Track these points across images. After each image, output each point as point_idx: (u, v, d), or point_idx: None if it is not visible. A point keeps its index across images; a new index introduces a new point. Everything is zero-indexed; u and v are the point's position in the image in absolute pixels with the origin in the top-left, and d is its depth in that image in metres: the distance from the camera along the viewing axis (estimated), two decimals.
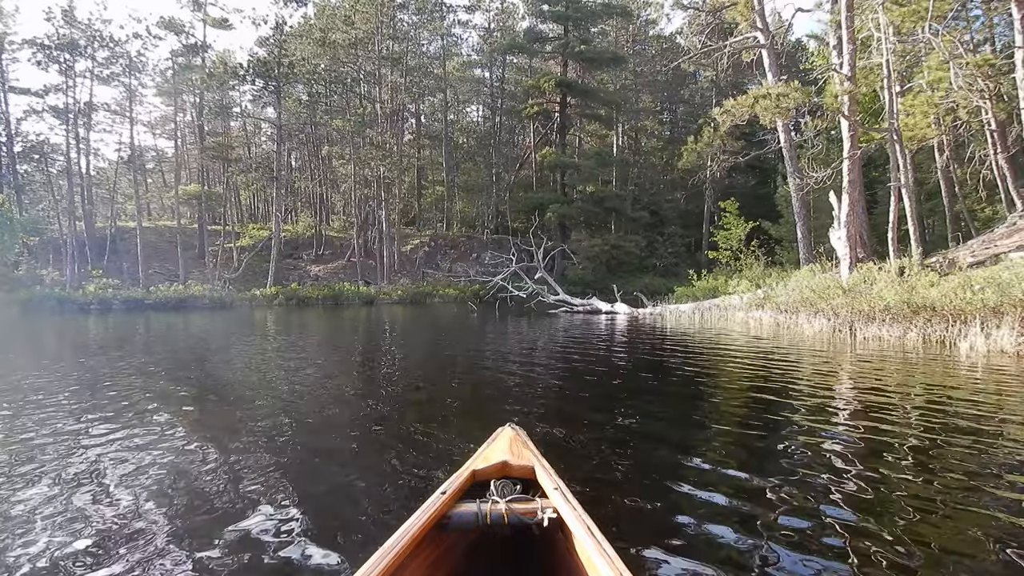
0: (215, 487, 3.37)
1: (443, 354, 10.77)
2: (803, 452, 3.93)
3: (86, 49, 32.85)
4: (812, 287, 12.29)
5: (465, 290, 33.47)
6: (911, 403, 5.48)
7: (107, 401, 5.88)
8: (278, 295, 30.33)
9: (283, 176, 37.55)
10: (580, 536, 1.85)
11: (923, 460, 3.76)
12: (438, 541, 2.07)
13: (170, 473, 3.61)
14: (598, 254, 38.29)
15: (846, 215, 13.25)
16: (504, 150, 48.10)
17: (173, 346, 12.13)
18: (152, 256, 35.04)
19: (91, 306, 27.30)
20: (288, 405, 5.79)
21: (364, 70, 38.98)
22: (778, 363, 8.06)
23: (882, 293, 10.01)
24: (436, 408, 5.76)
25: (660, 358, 9.16)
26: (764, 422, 4.90)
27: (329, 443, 4.39)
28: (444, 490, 2.14)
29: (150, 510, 3.03)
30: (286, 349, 11.27)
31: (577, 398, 6.42)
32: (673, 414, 5.47)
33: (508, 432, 2.76)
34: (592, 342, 11.74)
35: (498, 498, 2.15)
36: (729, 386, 6.87)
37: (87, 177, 36.48)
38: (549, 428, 4.64)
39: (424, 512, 1.98)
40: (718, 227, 23.29)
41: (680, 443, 4.27)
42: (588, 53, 39.82)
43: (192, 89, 36.44)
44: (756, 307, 14.17)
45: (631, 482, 3.41)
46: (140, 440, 4.35)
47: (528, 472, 2.37)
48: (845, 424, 4.79)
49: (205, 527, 2.81)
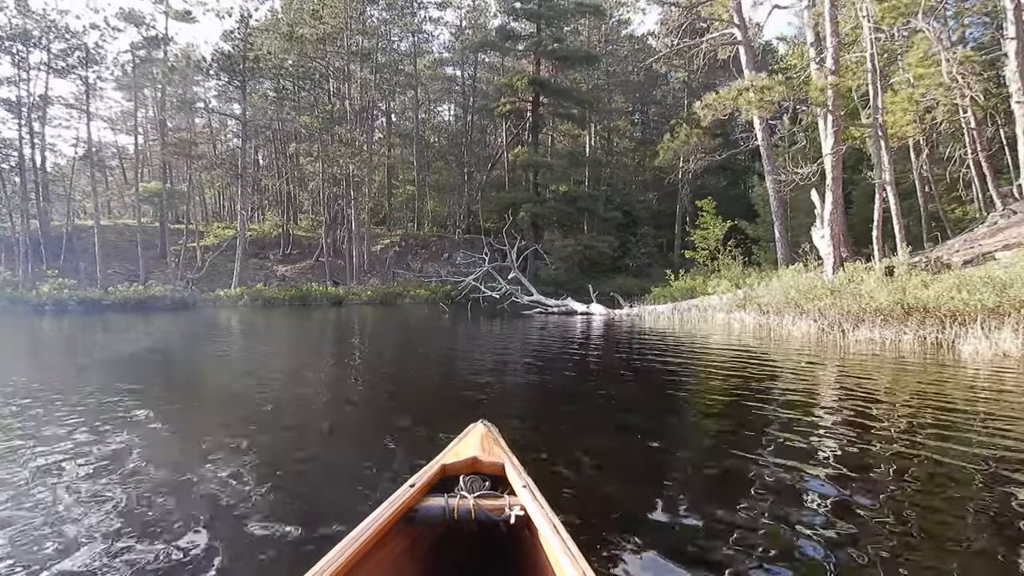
0: (172, 494, 3.19)
1: (414, 356, 10.31)
2: (788, 464, 3.60)
3: (41, 40, 31.53)
4: (797, 287, 11.95)
5: (436, 291, 32.94)
6: (924, 413, 5.09)
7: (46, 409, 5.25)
8: (243, 296, 29.46)
9: (249, 173, 36.57)
10: (546, 534, 1.84)
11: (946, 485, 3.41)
12: (404, 533, 2.05)
13: (115, 484, 3.32)
14: (571, 254, 38.01)
15: (829, 213, 12.99)
16: (476, 149, 47.65)
17: (118, 351, 11.39)
18: (111, 255, 33.80)
19: (45, 307, 26.20)
20: (251, 412, 5.39)
21: (333, 66, 38.12)
22: (765, 367, 7.70)
23: (873, 293, 9.70)
24: (405, 411, 5.42)
25: (638, 361, 8.75)
26: (748, 428, 4.58)
27: (293, 448, 4.19)
28: (413, 483, 2.14)
29: (88, 522, 2.79)
30: (249, 352, 10.67)
31: (550, 402, 6.09)
32: (651, 419, 5.16)
33: (480, 428, 2.75)
34: (567, 344, 11.33)
35: (466, 493, 2.14)
36: (711, 391, 6.50)
37: (42, 173, 35.05)
38: (523, 430, 4.49)
39: (391, 504, 1.97)
40: (695, 227, 22.96)
41: (658, 448, 4.11)
42: (561, 51, 39.48)
43: (153, 83, 35.20)
44: (737, 308, 13.84)
45: (605, 484, 3.38)
46: (73, 454, 3.87)
47: (498, 469, 2.36)
48: (831, 431, 4.46)
49: (162, 530, 2.73)
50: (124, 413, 5.13)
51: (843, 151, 13.08)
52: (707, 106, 13.17)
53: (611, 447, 4.12)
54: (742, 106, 12.39)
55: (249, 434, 4.40)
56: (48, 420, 4.84)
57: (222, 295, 29.56)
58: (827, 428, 4.51)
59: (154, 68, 33.71)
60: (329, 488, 3.28)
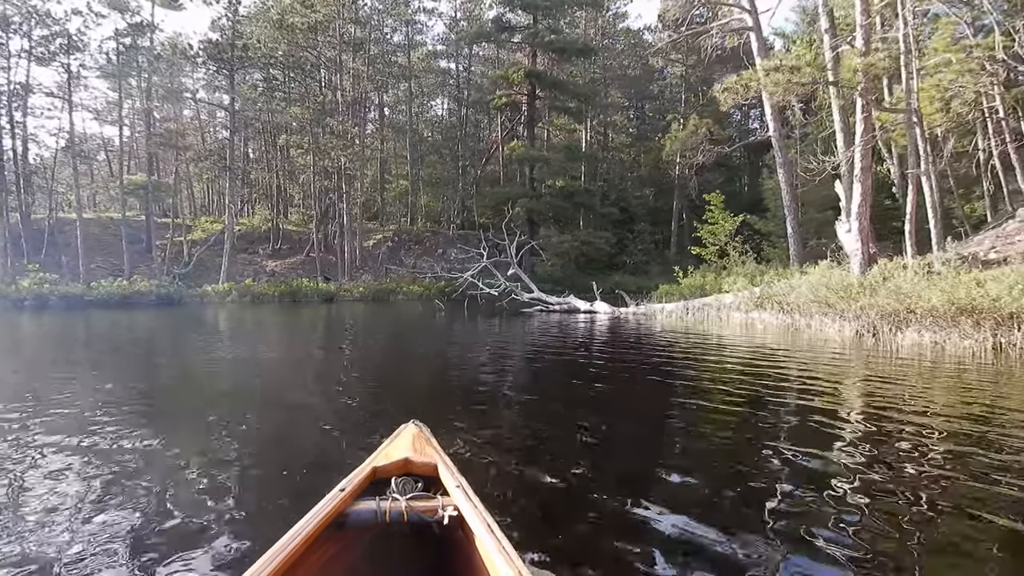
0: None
1: (407, 357, 9.58)
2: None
3: (21, 26, 30.42)
4: (828, 285, 11.09)
5: (430, 287, 32.20)
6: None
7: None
8: (231, 291, 28.56)
9: (237, 166, 35.57)
10: (480, 534, 1.82)
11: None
12: (334, 539, 1.99)
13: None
14: (567, 251, 37.35)
15: (858, 206, 12.16)
16: (470, 143, 46.82)
17: (85, 352, 10.55)
18: (95, 250, 32.75)
19: (25, 302, 25.24)
20: (236, 420, 4.96)
21: (324, 56, 37.11)
22: (812, 377, 6.81)
23: (921, 293, 8.89)
24: (397, 416, 4.68)
25: (655, 369, 7.91)
26: (806, 448, 3.87)
27: (274, 455, 4.04)
28: (343, 487, 2.09)
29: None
30: (231, 353, 9.86)
31: (553, 413, 5.40)
32: (663, 437, 4.52)
33: (412, 429, 2.72)
34: (573, 346, 10.55)
35: (398, 495, 2.11)
36: (759, 405, 5.65)
37: (24, 164, 33.93)
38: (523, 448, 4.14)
39: (320, 510, 1.91)
40: (702, 222, 22.10)
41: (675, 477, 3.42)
42: (558, 43, 38.65)
43: (138, 72, 34.09)
44: (755, 307, 13.04)
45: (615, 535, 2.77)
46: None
47: (431, 470, 2.33)
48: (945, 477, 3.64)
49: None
50: (79, 415, 4.72)
51: (875, 139, 12.27)
52: (727, 89, 12.35)
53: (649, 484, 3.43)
54: (769, 89, 11.54)
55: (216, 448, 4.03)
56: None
57: (209, 291, 28.68)
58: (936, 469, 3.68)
59: (139, 56, 32.59)
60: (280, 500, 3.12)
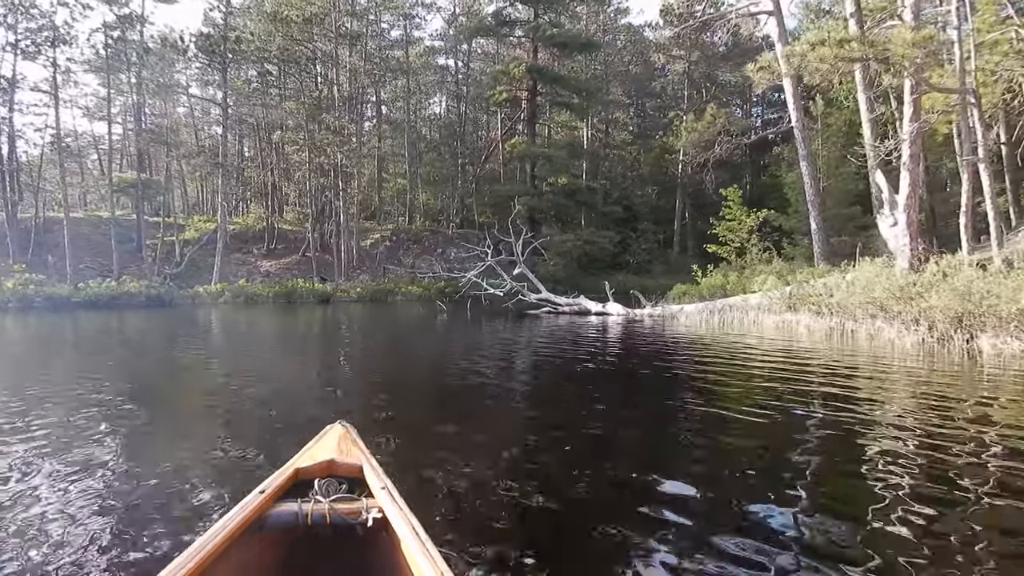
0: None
1: (409, 364, 8.65)
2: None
3: (6, 18, 29.39)
4: (884, 285, 10.01)
5: (430, 287, 31.35)
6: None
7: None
8: (224, 292, 27.62)
9: (230, 163, 34.60)
10: (404, 536, 1.80)
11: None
12: (253, 542, 1.92)
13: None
14: (570, 250, 36.47)
15: (906, 197, 11.18)
16: (469, 140, 45.92)
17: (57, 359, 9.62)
18: (84, 249, 31.73)
19: (8, 304, 24.25)
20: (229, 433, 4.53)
21: (320, 50, 36.12)
22: (929, 404, 5.68)
23: (1004, 293, 7.86)
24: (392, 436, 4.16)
25: (692, 383, 6.96)
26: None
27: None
28: (263, 489, 2.03)
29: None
30: (215, 361, 8.94)
31: (575, 437, 4.48)
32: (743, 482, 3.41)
33: (337, 429, 2.63)
34: (591, 353, 9.58)
35: (321, 497, 2.05)
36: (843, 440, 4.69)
37: (10, 162, 32.92)
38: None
39: (239, 512, 1.86)
40: (719, 219, 21.10)
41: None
42: (560, 37, 37.76)
43: (128, 67, 33.05)
44: (788, 308, 12.04)
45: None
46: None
47: (356, 471, 2.27)
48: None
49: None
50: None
51: (927, 124, 11.27)
52: (762, 68, 11.34)
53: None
54: (813, 66, 10.50)
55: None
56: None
57: (201, 292, 27.74)
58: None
59: (129, 50, 31.57)
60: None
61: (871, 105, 14.85)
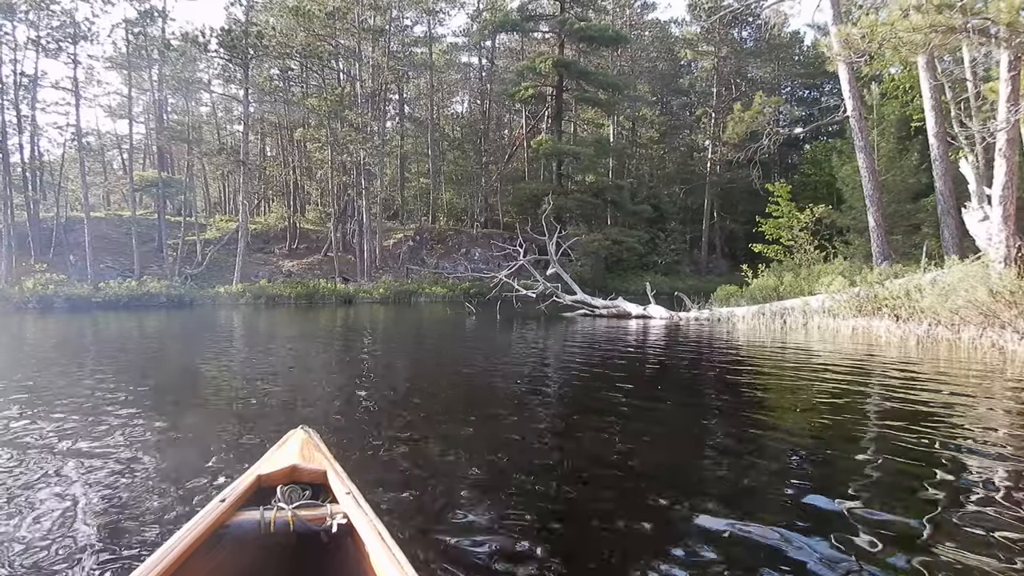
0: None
1: (444, 374, 7.71)
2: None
3: (27, 15, 29.04)
4: (996, 287, 8.71)
5: (454, 288, 30.60)
6: None
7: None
8: (244, 293, 27.02)
9: (251, 161, 34.08)
10: (370, 542, 1.75)
11: None
12: (213, 553, 1.82)
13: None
14: (597, 250, 35.44)
15: (1002, 187, 9.98)
16: (493, 137, 45.08)
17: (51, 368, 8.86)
18: (105, 249, 31.40)
19: (29, 304, 23.85)
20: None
21: (342, 45, 35.47)
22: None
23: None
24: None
25: (775, 410, 5.96)
26: None
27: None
28: (223, 497, 1.95)
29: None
30: (239, 362, 8.14)
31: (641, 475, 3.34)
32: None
33: (299, 434, 2.55)
34: (635, 359, 8.60)
35: (284, 504, 1.97)
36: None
37: (31, 161, 32.67)
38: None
39: (198, 522, 1.78)
40: (765, 216, 19.94)
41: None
42: (588, 31, 36.77)
43: (149, 63, 32.65)
44: (861, 313, 10.92)
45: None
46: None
47: (319, 476, 2.20)
48: None
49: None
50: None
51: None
52: (847, 42, 10.05)
53: None
54: (907, 34, 9.20)
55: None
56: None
57: (222, 292, 27.18)
58: None
59: (150, 46, 31.14)
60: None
61: (937, 93, 13.69)
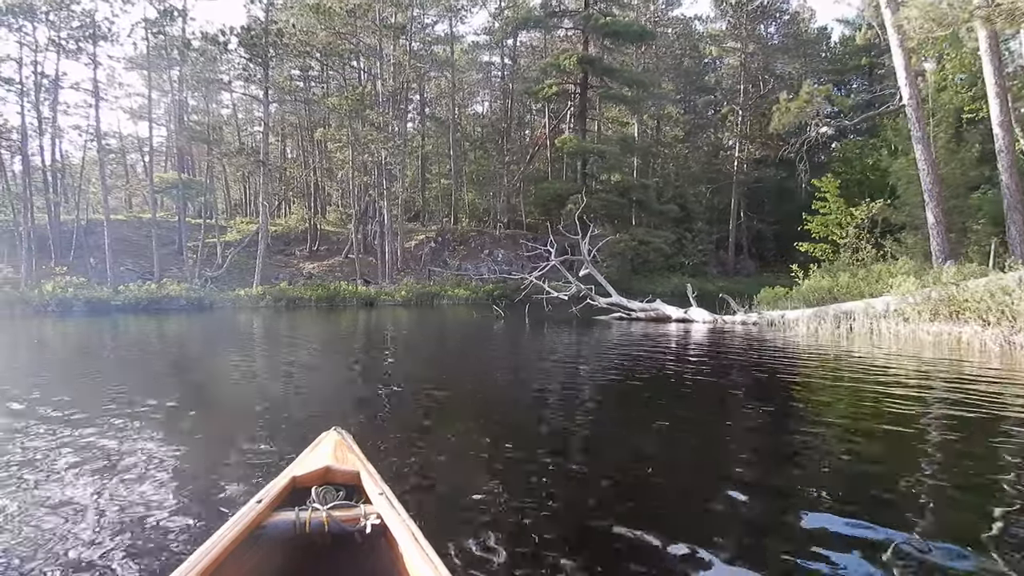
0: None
1: (477, 378, 6.98)
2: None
3: (48, 15, 28.75)
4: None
5: (478, 290, 29.87)
6: None
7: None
8: (265, 295, 26.50)
9: (272, 161, 33.63)
10: (404, 542, 1.77)
11: None
12: (251, 553, 1.85)
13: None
14: (623, 251, 34.49)
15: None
16: (515, 135, 44.33)
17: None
18: (125, 252, 31.09)
19: (48, 307, 23.49)
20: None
21: (363, 43, 34.92)
22: None
23: None
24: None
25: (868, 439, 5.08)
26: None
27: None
28: (260, 499, 1.99)
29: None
30: (267, 365, 7.49)
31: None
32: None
33: (333, 436, 2.58)
34: (677, 369, 7.78)
35: (319, 505, 2.00)
36: None
37: (52, 164, 32.46)
38: None
39: (236, 522, 1.82)
40: (812, 213, 18.89)
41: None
42: (613, 27, 35.84)
43: (169, 63, 32.30)
44: (934, 316, 9.97)
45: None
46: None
47: (353, 477, 2.23)
48: None
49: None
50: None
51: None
52: (932, 15, 9.00)
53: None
54: (985, 16, 8.23)
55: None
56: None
57: (242, 295, 26.71)
58: None
59: (170, 46, 30.76)
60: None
61: (1001, 76, 12.67)
